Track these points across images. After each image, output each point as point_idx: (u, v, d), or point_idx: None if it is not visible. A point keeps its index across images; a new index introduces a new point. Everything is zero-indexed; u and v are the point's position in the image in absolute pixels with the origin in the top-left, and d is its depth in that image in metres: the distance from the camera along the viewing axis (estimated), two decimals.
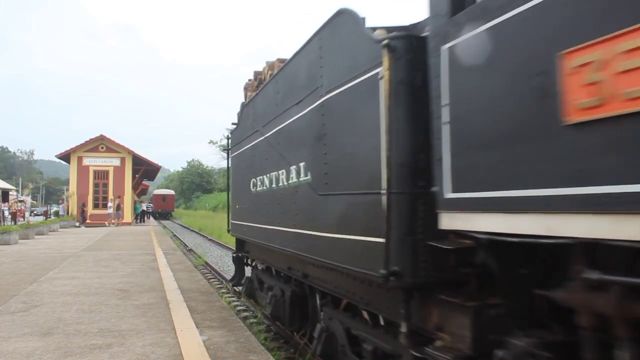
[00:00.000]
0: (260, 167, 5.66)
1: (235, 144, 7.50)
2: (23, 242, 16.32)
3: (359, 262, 3.13)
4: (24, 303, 6.03)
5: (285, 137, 4.76)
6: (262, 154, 5.61)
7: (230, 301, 9.01)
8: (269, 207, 5.34)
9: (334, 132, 3.61)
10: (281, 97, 4.91)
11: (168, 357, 3.89)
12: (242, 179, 6.82)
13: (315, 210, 3.92)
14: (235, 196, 7.60)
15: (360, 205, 3.18)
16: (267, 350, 5.30)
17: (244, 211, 6.83)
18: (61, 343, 4.29)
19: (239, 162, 7.24)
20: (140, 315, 5.34)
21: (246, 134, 6.55)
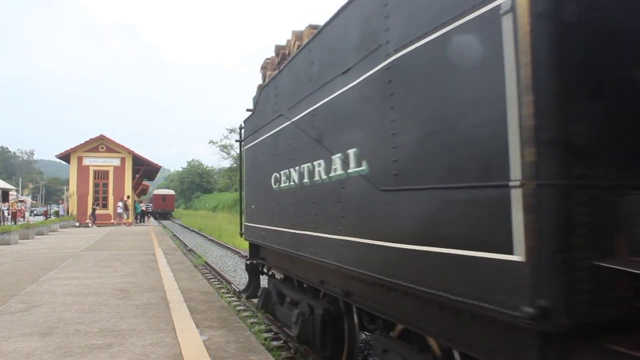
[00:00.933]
0: (286, 158, 4.67)
1: (250, 133, 6.37)
2: (23, 242, 16.32)
3: (457, 287, 2.20)
4: (24, 303, 6.03)
5: (325, 119, 3.73)
6: (288, 143, 4.61)
7: (230, 301, 9.01)
8: (298, 208, 4.36)
9: (410, 103, 2.62)
10: (317, 69, 3.93)
11: (168, 357, 3.89)
12: (259, 174, 5.77)
13: (374, 211, 2.94)
14: (251, 194, 6.46)
15: (463, 204, 2.19)
16: (267, 350, 5.30)
17: (261, 212, 5.75)
18: (61, 343, 4.29)
19: (255, 155, 6.11)
20: (140, 315, 5.34)
21: (265, 120, 5.46)
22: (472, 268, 2.11)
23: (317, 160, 3.86)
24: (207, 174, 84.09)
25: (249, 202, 6.65)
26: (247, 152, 6.71)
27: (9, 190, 37.13)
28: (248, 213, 6.65)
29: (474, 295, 2.09)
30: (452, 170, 2.28)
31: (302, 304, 4.92)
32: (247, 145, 6.65)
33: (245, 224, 6.81)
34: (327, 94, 3.68)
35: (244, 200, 6.97)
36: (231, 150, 61.03)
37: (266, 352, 4.18)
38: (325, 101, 3.72)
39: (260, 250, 6.58)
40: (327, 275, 4.03)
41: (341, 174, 3.39)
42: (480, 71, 2.14)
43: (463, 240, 2.17)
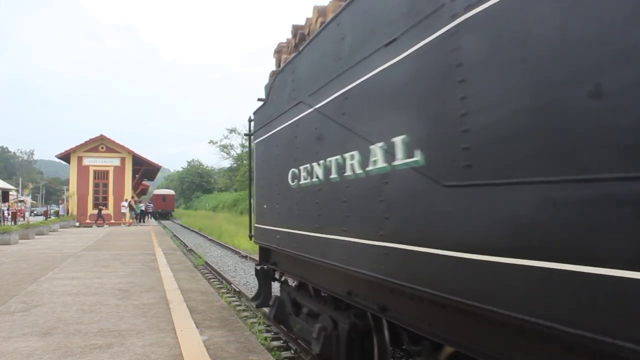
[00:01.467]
0: (307, 151, 4.07)
1: (262, 125, 5.71)
2: (23, 242, 16.32)
3: (570, 314, 1.66)
4: (24, 303, 6.03)
5: (360, 102, 3.15)
6: (310, 134, 4.02)
7: (230, 301, 9.01)
8: (322, 208, 3.76)
9: (492, 74, 2.05)
10: (349, 45, 3.36)
11: (168, 357, 3.89)
12: (273, 170, 5.16)
13: (432, 212, 2.39)
14: (262, 193, 5.72)
15: (583, 202, 1.64)
16: (267, 350, 5.30)
17: (275, 213, 5.08)
18: (61, 343, 4.28)
19: (268, 148, 5.46)
20: (140, 315, 5.34)
21: (280, 110, 4.87)
22: (594, 290, 1.57)
23: (349, 152, 3.25)
24: (207, 174, 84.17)
25: (259, 201, 5.90)
26: (258, 146, 5.98)
27: (9, 190, 37.13)
28: (259, 213, 5.93)
29: (603, 329, 1.53)
30: (567, 158, 1.69)
31: (324, 317, 4.34)
32: (258, 138, 5.94)
33: (256, 226, 6.07)
34: (362, 72, 3.11)
35: (254, 199, 6.19)
36: (231, 150, 61.09)
37: (266, 352, 4.18)
38: (361, 81, 3.14)
39: (271, 254, 5.93)
40: (356, 285, 3.48)
41: (383, 167, 2.80)
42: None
43: (580, 252, 1.63)
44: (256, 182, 6.12)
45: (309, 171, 4.02)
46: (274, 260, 5.82)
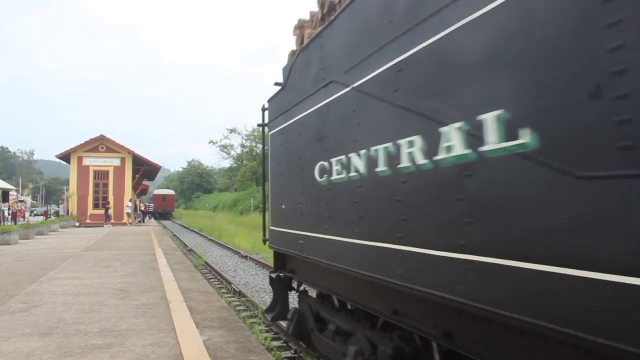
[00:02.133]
0: (341, 140, 3.43)
1: (279, 113, 5.03)
2: (23, 242, 16.32)
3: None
4: (24, 303, 6.03)
5: (425, 72, 2.48)
6: (346, 118, 3.37)
7: (230, 301, 9.01)
8: (364, 209, 3.10)
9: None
10: (404, 2, 2.71)
11: (168, 357, 3.89)
12: (294, 163, 4.51)
13: (554, 214, 1.76)
14: (280, 191, 5.02)
15: None
16: (267, 350, 5.30)
17: (297, 214, 4.42)
18: (61, 343, 4.28)
19: (287, 139, 4.77)
20: (140, 315, 5.34)
21: (304, 93, 4.22)
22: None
23: (406, 138, 2.60)
24: (207, 174, 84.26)
25: (277, 200, 5.15)
26: (274, 137, 5.26)
27: (9, 190, 37.14)
28: (275, 215, 5.20)
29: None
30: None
31: (358, 338, 3.72)
32: (274, 129, 5.24)
33: (272, 229, 5.32)
34: (428, 33, 2.46)
35: (269, 198, 5.46)
36: (231, 150, 61.11)
37: (266, 352, 4.18)
38: (425, 46, 2.48)
39: (287, 260, 5.26)
40: (408, 304, 2.87)
41: (464, 154, 2.16)
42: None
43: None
44: (272, 178, 5.38)
45: (344, 164, 3.36)
46: (291, 267, 5.14)
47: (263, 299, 9.31)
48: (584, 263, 1.59)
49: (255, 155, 56.12)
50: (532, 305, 1.82)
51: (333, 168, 3.58)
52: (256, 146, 57.33)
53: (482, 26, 2.10)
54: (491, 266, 2.01)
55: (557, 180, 1.73)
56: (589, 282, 1.56)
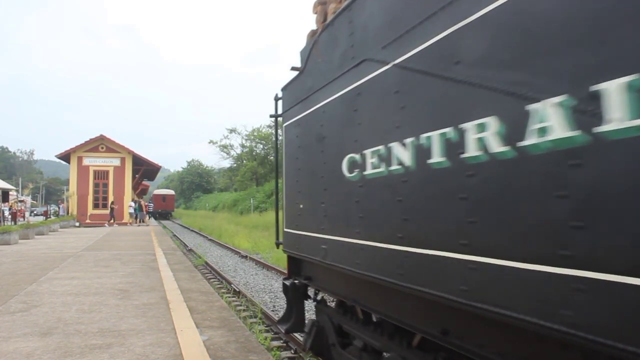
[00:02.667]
0: (378, 127, 2.97)
1: (296, 102, 4.53)
2: (23, 242, 16.32)
3: None
4: (24, 303, 6.03)
5: (503, 33, 1.98)
6: (384, 101, 2.90)
7: (230, 301, 9.02)
8: (411, 208, 2.60)
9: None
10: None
11: (168, 357, 3.89)
12: (315, 157, 4.03)
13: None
14: (297, 188, 4.51)
15: None
16: (267, 350, 5.30)
17: (319, 215, 3.91)
18: (61, 343, 4.28)
19: (306, 130, 4.28)
20: (140, 315, 5.34)
21: (328, 77, 3.73)
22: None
23: (475, 121, 2.10)
24: (207, 174, 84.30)
25: (292, 199, 4.65)
26: (289, 129, 4.76)
27: (9, 190, 37.14)
28: (291, 215, 4.68)
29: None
30: None
31: (393, 358, 3.26)
32: (289, 120, 4.74)
33: (286, 231, 4.80)
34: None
35: (284, 196, 4.96)
36: (231, 150, 61.12)
37: (266, 352, 4.18)
38: (503, 3, 1.96)
39: (303, 266, 4.75)
40: (463, 324, 2.38)
41: (567, 138, 1.68)
42: None
43: None
44: (287, 174, 4.86)
45: (383, 156, 2.87)
46: (307, 273, 4.65)
47: (263, 299, 9.31)
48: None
49: (255, 155, 56.09)
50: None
51: (367, 161, 3.07)
52: (256, 146, 57.31)
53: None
54: (610, 285, 1.48)
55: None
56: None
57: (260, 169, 54.03)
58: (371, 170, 3.04)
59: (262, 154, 55.90)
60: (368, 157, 3.06)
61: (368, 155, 3.07)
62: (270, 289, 10.52)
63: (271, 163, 54.28)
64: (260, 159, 55.06)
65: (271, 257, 15.52)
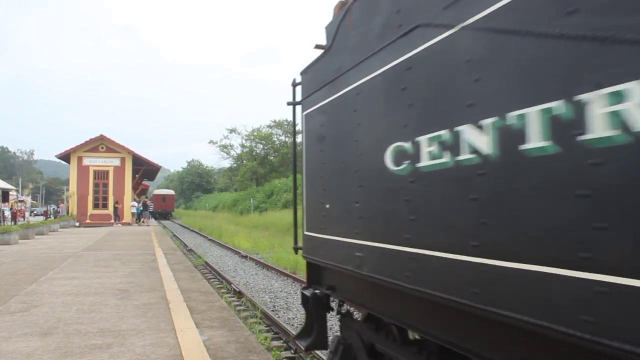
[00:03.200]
0: (440, 107, 2.42)
1: (320, 85, 3.99)
2: (23, 242, 16.32)
3: None
4: (24, 303, 6.03)
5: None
6: (450, 75, 2.36)
7: (230, 301, 9.02)
8: (489, 209, 2.06)
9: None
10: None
11: (168, 357, 3.89)
12: (347, 148, 3.46)
13: None
14: (323, 186, 3.93)
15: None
16: (267, 350, 5.30)
17: (352, 216, 3.35)
18: (61, 343, 4.28)
19: (334, 118, 3.74)
20: (140, 315, 5.34)
21: (365, 53, 3.19)
22: None
23: (603, 89, 1.56)
24: (207, 174, 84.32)
25: (315, 198, 4.08)
26: (312, 117, 4.20)
27: (9, 190, 37.14)
28: (313, 216, 4.14)
29: None
30: None
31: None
32: (312, 106, 4.18)
33: (307, 235, 4.25)
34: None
35: (303, 195, 4.36)
36: (231, 150, 61.14)
37: (266, 352, 4.18)
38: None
39: (324, 273, 4.20)
40: (545, 352, 1.91)
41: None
42: None
43: None
44: (307, 170, 4.31)
45: (447, 143, 2.30)
46: (330, 282, 4.10)
47: (263, 299, 9.32)
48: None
49: (255, 156, 56.11)
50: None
51: (422, 150, 2.51)
52: (256, 146, 57.32)
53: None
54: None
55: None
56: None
57: (260, 169, 54.06)
58: (428, 161, 2.47)
59: (262, 154, 55.95)
60: (423, 145, 2.50)
61: (423, 143, 2.50)
62: (270, 289, 10.52)
63: (271, 163, 54.34)
64: (260, 159, 55.09)
65: (271, 257, 15.52)
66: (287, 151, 53.09)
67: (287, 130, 55.40)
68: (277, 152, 54.75)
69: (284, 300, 9.32)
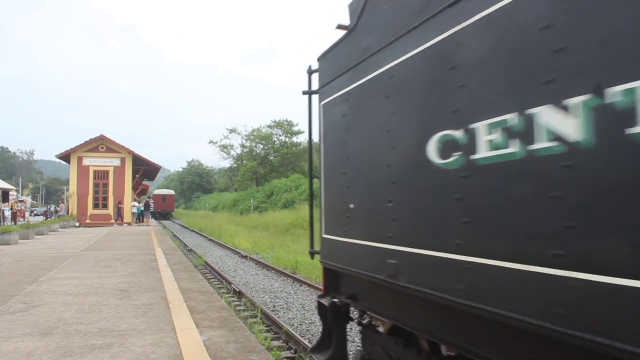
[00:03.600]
0: (503, 86, 2.02)
1: (341, 71, 3.56)
2: (23, 242, 16.31)
3: None
4: (24, 303, 6.03)
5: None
6: (514, 48, 1.96)
7: (230, 301, 9.02)
8: (580, 210, 1.64)
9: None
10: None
11: (168, 357, 3.89)
12: (376, 140, 3.05)
13: None
14: (345, 183, 3.50)
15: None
16: (267, 350, 5.30)
17: (383, 217, 2.95)
18: (61, 343, 4.28)
19: (358, 107, 3.33)
20: (140, 315, 5.34)
21: (398, 30, 2.78)
22: None
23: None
24: (207, 174, 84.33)
25: (337, 197, 3.66)
26: (332, 107, 3.78)
27: (9, 190, 37.15)
28: (333, 217, 3.72)
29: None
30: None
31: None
32: (332, 95, 3.76)
33: (326, 238, 3.83)
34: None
35: (322, 193, 3.94)
36: (231, 150, 61.15)
37: (266, 352, 4.18)
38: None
39: (343, 280, 3.82)
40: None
41: None
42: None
43: None
44: (326, 166, 3.89)
45: (515, 128, 1.93)
46: (350, 290, 3.69)
47: (263, 299, 9.32)
48: None
49: (255, 156, 56.10)
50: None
51: (479, 139, 2.13)
52: (256, 146, 57.31)
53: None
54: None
55: None
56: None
57: (260, 169, 54.04)
58: (488, 152, 2.08)
59: (262, 154, 55.94)
60: (480, 132, 2.12)
61: (481, 131, 2.12)
62: (270, 289, 10.53)
63: (271, 163, 54.33)
64: (260, 159, 55.08)
65: (271, 257, 15.53)
66: (287, 151, 53.09)
67: (287, 130, 55.39)
68: (277, 152, 54.76)
69: (284, 300, 9.32)
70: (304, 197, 31.83)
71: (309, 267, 12.34)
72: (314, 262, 12.90)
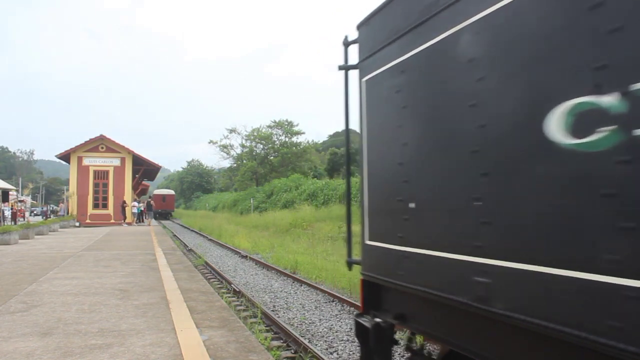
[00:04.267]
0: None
1: (392, 38, 2.95)
2: (23, 242, 16.31)
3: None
4: (24, 303, 6.03)
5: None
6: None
7: (230, 301, 9.02)
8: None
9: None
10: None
11: (168, 357, 3.89)
12: (453, 120, 2.43)
13: None
14: (401, 176, 2.86)
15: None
16: (267, 350, 5.30)
17: (467, 220, 2.28)
18: (61, 343, 4.28)
19: (425, 78, 2.70)
20: (140, 315, 5.34)
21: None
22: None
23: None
24: (207, 174, 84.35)
25: (385, 193, 3.09)
26: (378, 84, 3.15)
27: (9, 190, 37.16)
28: (381, 220, 3.12)
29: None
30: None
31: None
32: (379, 68, 3.11)
33: (370, 245, 3.21)
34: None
35: (364, 190, 3.29)
36: (231, 150, 61.16)
37: (266, 352, 4.18)
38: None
39: (386, 295, 3.21)
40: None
41: None
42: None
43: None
44: (371, 156, 3.22)
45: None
46: (397, 309, 3.09)
47: (263, 299, 9.32)
48: None
49: (255, 156, 56.10)
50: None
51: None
52: (256, 146, 57.31)
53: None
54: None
55: None
56: None
57: (260, 169, 54.06)
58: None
59: (262, 154, 55.96)
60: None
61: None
62: (270, 289, 10.53)
63: (271, 163, 54.35)
64: (260, 159, 55.08)
65: (271, 257, 15.53)
66: (287, 151, 53.09)
67: (287, 130, 55.40)
68: (277, 152, 54.77)
69: (284, 300, 9.32)
70: (304, 197, 31.82)
71: (308, 267, 12.35)
72: (314, 262, 12.94)
